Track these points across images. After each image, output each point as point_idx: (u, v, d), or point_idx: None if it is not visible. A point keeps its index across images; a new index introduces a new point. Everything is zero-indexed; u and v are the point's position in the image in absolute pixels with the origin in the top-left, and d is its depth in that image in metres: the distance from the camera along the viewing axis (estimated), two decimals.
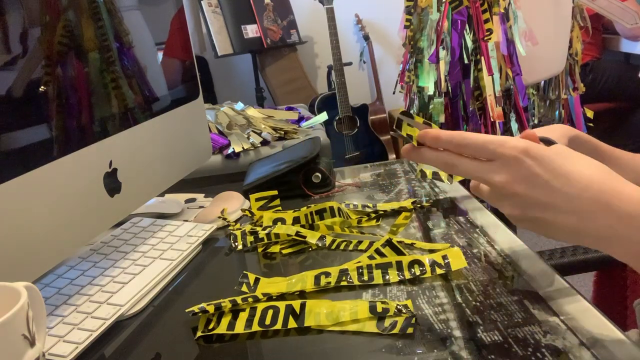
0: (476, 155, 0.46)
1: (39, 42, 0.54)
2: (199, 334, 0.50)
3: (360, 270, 0.58)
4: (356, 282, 0.57)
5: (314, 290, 0.56)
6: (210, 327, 0.51)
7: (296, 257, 0.66)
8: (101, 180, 0.62)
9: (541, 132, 0.58)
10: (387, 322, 0.50)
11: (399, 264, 0.58)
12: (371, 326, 0.49)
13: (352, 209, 0.76)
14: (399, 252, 0.61)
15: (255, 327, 0.51)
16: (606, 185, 0.42)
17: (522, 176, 0.43)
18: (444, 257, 0.58)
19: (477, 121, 1.59)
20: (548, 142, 0.55)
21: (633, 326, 0.76)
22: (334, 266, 0.60)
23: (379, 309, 0.50)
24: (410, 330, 0.48)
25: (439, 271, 0.57)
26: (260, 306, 0.53)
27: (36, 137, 0.53)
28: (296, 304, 0.52)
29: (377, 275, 0.58)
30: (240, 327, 0.51)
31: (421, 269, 0.58)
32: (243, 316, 0.52)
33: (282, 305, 0.53)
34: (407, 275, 0.57)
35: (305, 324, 0.50)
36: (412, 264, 0.58)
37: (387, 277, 0.57)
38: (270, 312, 0.52)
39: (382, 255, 0.62)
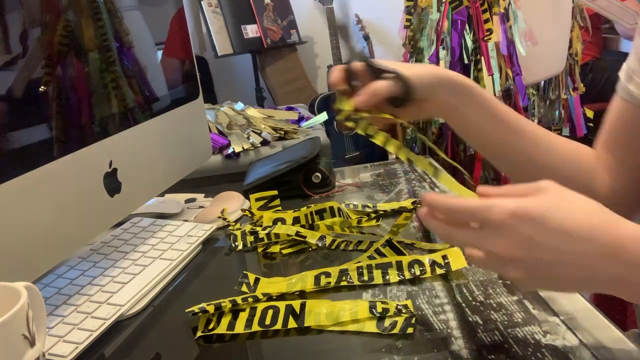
0: (469, 221, 0.43)
1: (39, 42, 0.54)
2: (199, 334, 0.50)
3: (360, 270, 0.58)
4: (356, 282, 0.57)
5: (314, 290, 0.57)
6: (210, 327, 0.51)
7: (296, 257, 0.66)
8: (101, 180, 0.62)
9: (402, 68, 0.55)
10: (387, 322, 0.50)
11: (399, 264, 0.58)
12: (371, 326, 0.49)
13: (352, 209, 0.76)
14: (399, 252, 0.61)
15: (255, 327, 0.51)
16: (608, 234, 0.40)
17: (518, 241, 0.40)
18: (444, 257, 0.58)
19: None
20: (393, 74, 0.54)
21: (633, 326, 0.76)
22: (334, 266, 0.60)
23: (379, 309, 0.50)
24: (410, 330, 0.48)
25: (439, 271, 0.57)
26: (260, 306, 0.53)
27: (36, 137, 0.53)
28: (296, 304, 0.52)
29: (377, 275, 0.58)
30: (240, 327, 0.51)
31: (421, 269, 0.58)
32: (243, 316, 0.52)
33: (282, 305, 0.53)
34: (407, 275, 0.57)
35: (305, 324, 0.50)
36: (412, 264, 0.58)
37: (387, 277, 0.57)
38: (270, 312, 0.52)
39: (382, 255, 0.62)
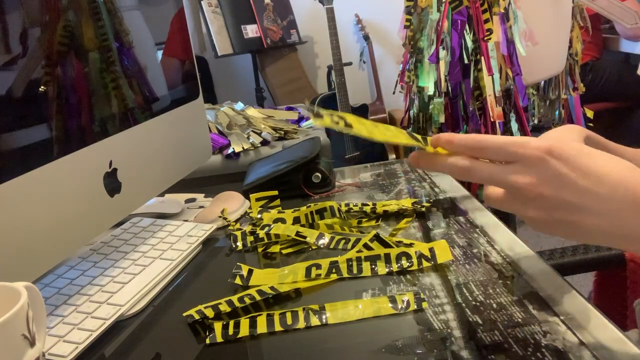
0: (494, 158, 0.43)
1: (39, 42, 0.54)
2: (219, 339, 0.50)
3: (350, 262, 0.60)
4: (345, 275, 0.58)
5: (305, 281, 0.58)
6: (231, 332, 0.51)
7: (296, 257, 0.66)
8: (101, 180, 0.62)
9: (557, 132, 0.57)
10: (400, 302, 0.51)
11: (387, 257, 0.60)
12: (387, 309, 0.51)
13: (351, 212, 0.76)
14: (387, 246, 0.63)
15: (278, 327, 0.51)
16: (637, 182, 0.40)
17: (548, 177, 0.41)
18: (431, 250, 0.60)
19: (477, 121, 1.59)
20: None
21: (633, 326, 0.76)
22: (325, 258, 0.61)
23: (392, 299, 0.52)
24: (425, 304, 0.50)
25: (425, 264, 0.58)
26: (277, 311, 0.53)
27: (36, 137, 0.53)
28: (314, 306, 0.53)
29: (366, 267, 0.59)
30: (262, 328, 0.51)
31: (409, 261, 0.59)
32: (262, 319, 0.52)
33: (300, 309, 0.53)
34: (395, 268, 0.59)
35: (330, 322, 0.51)
36: (399, 257, 0.60)
37: (376, 269, 0.59)
38: (289, 314, 0.52)
39: (370, 249, 0.63)
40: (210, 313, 0.52)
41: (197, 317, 0.52)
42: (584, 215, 0.40)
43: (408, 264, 0.59)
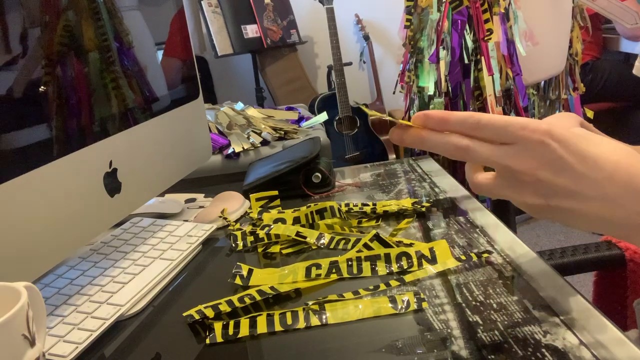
0: (493, 139, 0.42)
1: (39, 42, 0.54)
2: (219, 339, 0.50)
3: (350, 262, 0.60)
4: (345, 275, 0.58)
5: (305, 281, 0.58)
6: (231, 332, 0.51)
7: (296, 257, 0.66)
8: (101, 180, 0.62)
9: (554, 118, 0.56)
10: (400, 302, 0.51)
11: (387, 256, 0.60)
12: (387, 309, 0.51)
13: (351, 212, 0.76)
14: (387, 246, 0.63)
15: (278, 327, 0.51)
16: (635, 168, 0.39)
17: (547, 160, 0.40)
18: (431, 250, 0.60)
19: None
20: None
21: (633, 326, 0.76)
22: (325, 258, 0.61)
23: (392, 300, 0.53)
24: (425, 304, 0.50)
25: (425, 264, 0.58)
26: (278, 311, 0.53)
27: (36, 137, 0.53)
28: (314, 307, 0.53)
29: (366, 267, 0.59)
30: (262, 328, 0.51)
31: (409, 261, 0.59)
32: (262, 319, 0.52)
33: (300, 309, 0.53)
34: (395, 268, 0.59)
35: (330, 322, 0.51)
36: (399, 257, 0.60)
37: (376, 269, 0.59)
38: (289, 314, 0.52)
39: (370, 249, 0.63)
40: (210, 313, 0.52)
41: (197, 317, 0.52)
42: (580, 200, 0.40)
43: (408, 263, 0.59)
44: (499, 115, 0.42)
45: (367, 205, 0.76)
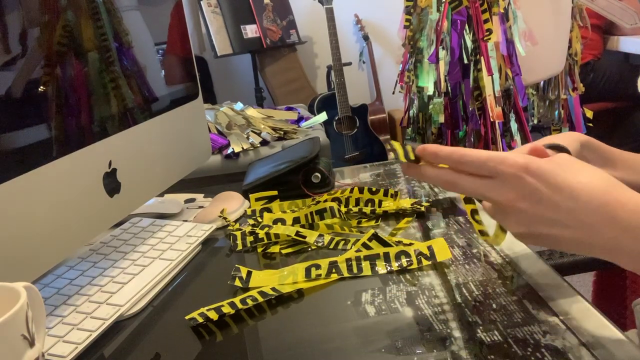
0: (476, 172, 0.45)
1: (38, 42, 0.54)
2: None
3: (350, 262, 0.60)
4: (345, 274, 0.58)
5: (305, 282, 0.58)
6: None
7: (296, 257, 0.66)
8: (101, 180, 0.62)
9: (553, 139, 0.57)
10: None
11: (387, 255, 0.60)
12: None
13: (351, 212, 0.76)
14: (385, 245, 0.63)
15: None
16: (609, 196, 0.41)
17: (524, 193, 0.43)
18: (429, 248, 0.60)
19: (477, 121, 1.59)
20: (558, 148, 0.54)
21: (632, 326, 0.76)
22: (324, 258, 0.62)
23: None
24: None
25: (425, 262, 0.59)
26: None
27: (36, 137, 0.53)
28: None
29: (366, 266, 0.59)
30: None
31: (408, 260, 0.59)
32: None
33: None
34: (395, 267, 0.59)
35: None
36: (399, 255, 0.60)
37: (376, 268, 0.59)
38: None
39: (369, 249, 0.63)
40: (214, 316, 0.52)
41: (200, 320, 0.52)
42: (560, 228, 0.43)
43: (407, 262, 0.59)
44: (481, 151, 0.45)
45: (367, 205, 0.76)
